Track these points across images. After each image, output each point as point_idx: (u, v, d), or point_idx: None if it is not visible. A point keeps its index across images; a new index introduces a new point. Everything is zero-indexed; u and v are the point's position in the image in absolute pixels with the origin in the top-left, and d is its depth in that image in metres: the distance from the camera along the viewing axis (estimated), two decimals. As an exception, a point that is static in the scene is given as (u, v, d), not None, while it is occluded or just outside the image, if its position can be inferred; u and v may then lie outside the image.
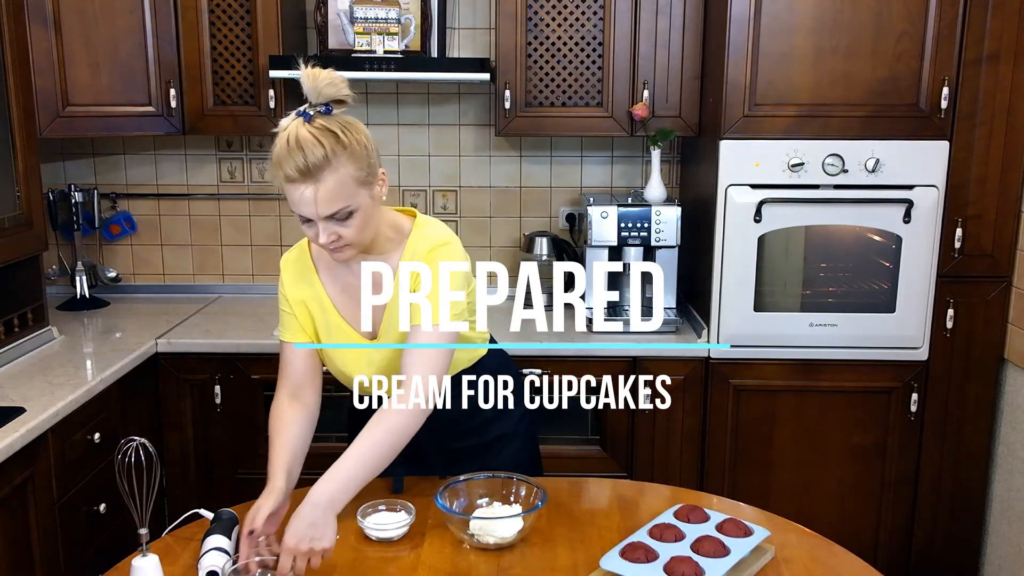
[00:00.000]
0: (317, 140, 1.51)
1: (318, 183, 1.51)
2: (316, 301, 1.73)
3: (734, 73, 2.51)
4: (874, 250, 2.66)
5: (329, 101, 1.55)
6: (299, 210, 1.55)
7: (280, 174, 1.54)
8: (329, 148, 1.51)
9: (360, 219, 1.57)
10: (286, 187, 1.55)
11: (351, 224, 1.56)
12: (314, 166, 1.50)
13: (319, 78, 1.54)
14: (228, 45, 2.80)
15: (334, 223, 1.55)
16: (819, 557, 1.58)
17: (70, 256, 3.13)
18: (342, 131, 1.53)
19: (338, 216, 1.54)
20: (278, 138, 1.56)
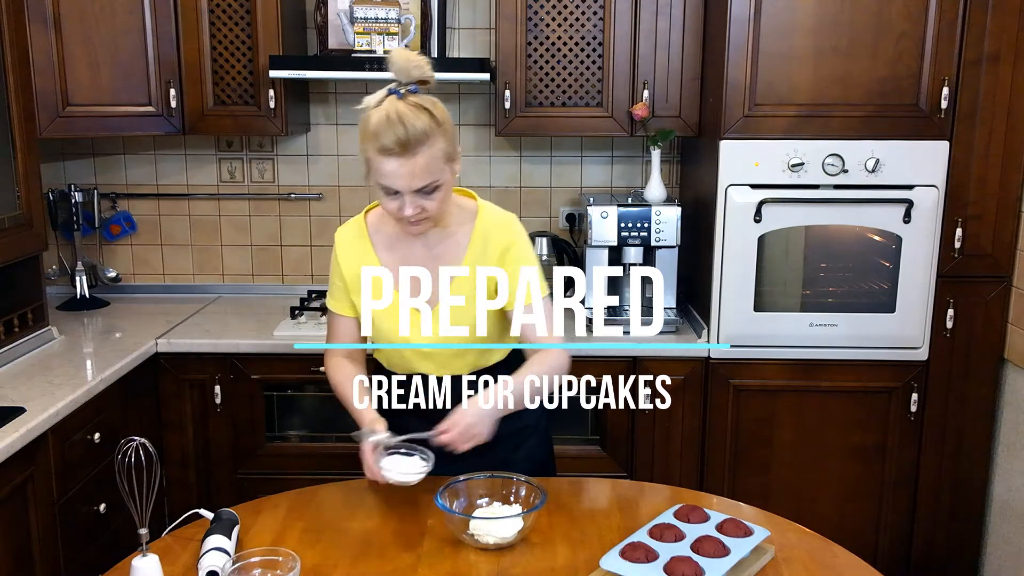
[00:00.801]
0: (416, 115, 1.59)
1: (415, 156, 1.59)
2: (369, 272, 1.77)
3: (734, 73, 2.51)
4: (874, 250, 2.66)
5: (416, 81, 1.65)
6: (390, 182, 1.62)
7: (375, 146, 1.60)
8: (427, 123, 1.59)
9: (443, 193, 1.66)
10: (379, 159, 1.61)
11: (435, 198, 1.65)
12: (414, 139, 1.58)
13: (410, 59, 1.64)
14: (228, 45, 2.80)
15: (420, 196, 1.63)
16: (819, 557, 1.58)
17: (70, 256, 3.13)
18: (434, 108, 1.63)
19: (426, 190, 1.62)
20: (371, 113, 1.62)
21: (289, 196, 3.21)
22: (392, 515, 1.71)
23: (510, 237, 1.79)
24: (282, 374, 2.70)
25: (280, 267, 3.28)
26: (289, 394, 2.79)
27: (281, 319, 2.83)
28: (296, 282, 3.27)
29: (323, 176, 3.20)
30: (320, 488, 1.83)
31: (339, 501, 1.77)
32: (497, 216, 1.82)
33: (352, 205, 3.20)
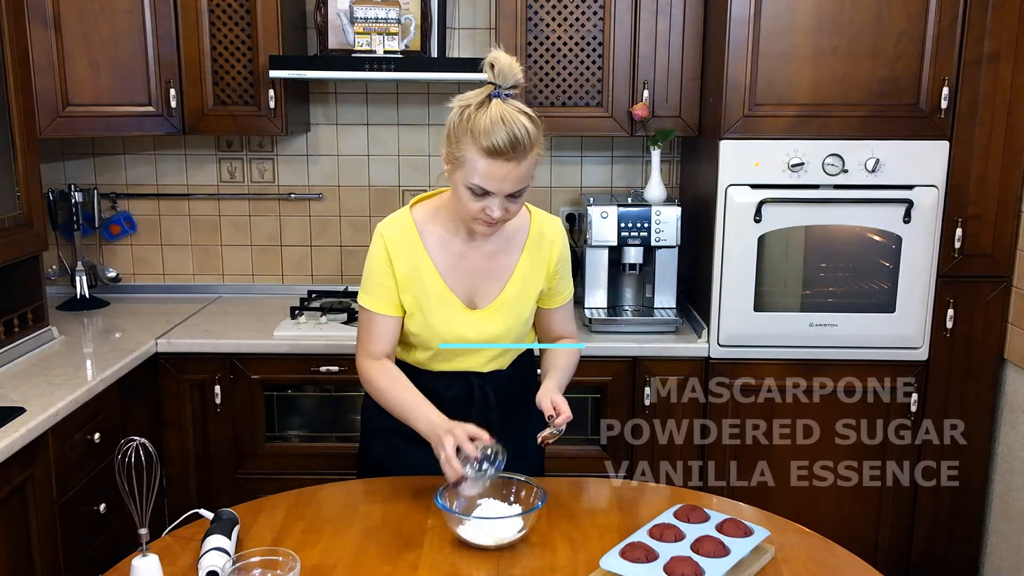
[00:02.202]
0: (526, 120, 1.59)
1: (521, 160, 1.59)
2: (423, 273, 1.78)
3: (734, 73, 2.51)
4: (874, 250, 2.66)
5: (511, 87, 1.63)
6: (488, 183, 1.60)
7: (482, 145, 1.57)
8: (534, 130, 1.60)
9: (526, 197, 1.69)
10: (482, 160, 1.58)
11: (520, 202, 1.67)
12: (525, 143, 1.58)
13: (512, 64, 1.62)
14: (228, 45, 2.80)
15: (509, 199, 1.64)
16: (819, 557, 1.58)
17: (70, 256, 3.13)
18: (533, 114, 1.62)
19: (517, 193, 1.64)
20: (477, 111, 1.59)
21: (289, 196, 3.21)
22: (392, 515, 1.71)
23: (562, 240, 1.86)
24: (282, 374, 2.70)
25: (280, 267, 3.28)
26: (289, 394, 2.79)
27: (281, 319, 2.83)
28: (296, 282, 3.27)
29: (323, 176, 3.20)
30: (320, 488, 1.83)
31: (339, 501, 1.78)
32: (549, 218, 1.87)
33: (352, 205, 3.20)
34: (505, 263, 1.81)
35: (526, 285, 1.83)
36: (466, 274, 1.80)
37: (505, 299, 1.81)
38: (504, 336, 1.83)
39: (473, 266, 1.80)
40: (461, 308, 1.80)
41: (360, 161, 3.19)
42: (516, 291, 1.82)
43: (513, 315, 1.82)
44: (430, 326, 1.80)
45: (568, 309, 1.93)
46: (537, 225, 1.84)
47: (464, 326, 1.80)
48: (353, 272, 3.25)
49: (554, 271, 1.85)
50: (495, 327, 1.81)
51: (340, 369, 2.65)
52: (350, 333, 2.62)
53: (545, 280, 1.85)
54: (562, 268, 1.86)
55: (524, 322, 1.86)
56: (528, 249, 1.82)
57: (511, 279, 1.81)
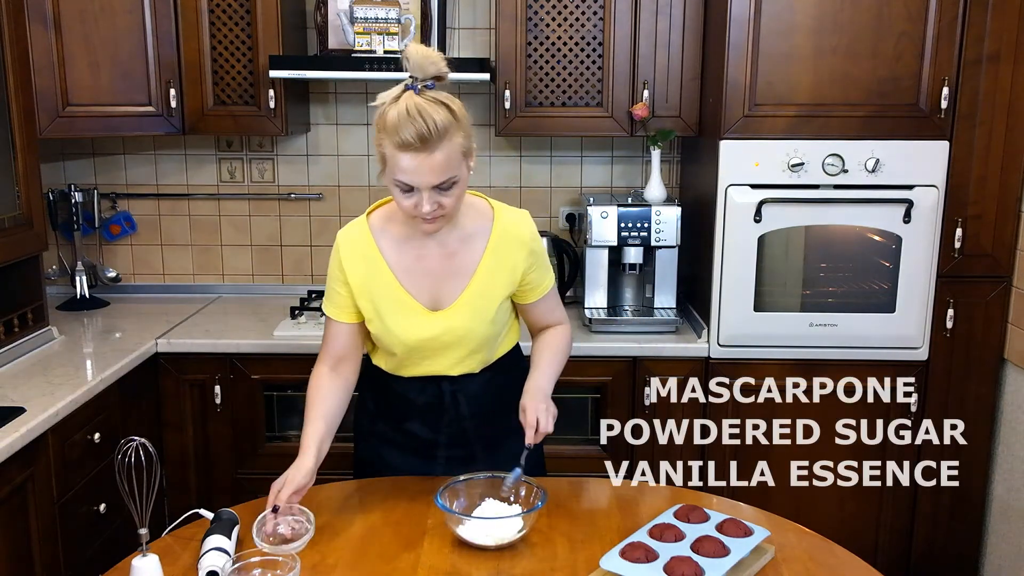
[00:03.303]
0: (435, 109, 1.56)
1: (434, 151, 1.56)
2: (378, 278, 1.76)
3: (734, 73, 2.51)
4: (874, 250, 2.66)
5: (432, 77, 1.61)
6: (408, 178, 1.59)
7: (393, 141, 1.57)
8: (446, 118, 1.57)
9: (460, 190, 1.64)
10: (398, 155, 1.57)
11: (452, 194, 1.63)
12: (434, 134, 1.55)
13: (427, 55, 1.60)
14: (228, 45, 2.80)
15: (438, 193, 1.61)
16: (819, 557, 1.58)
17: (70, 256, 3.13)
18: (451, 103, 1.60)
19: (443, 186, 1.60)
20: (388, 108, 1.58)
21: (289, 196, 3.21)
22: (392, 515, 1.71)
23: (530, 236, 1.80)
24: (282, 374, 2.70)
25: (280, 267, 3.27)
26: (289, 394, 2.78)
27: (281, 319, 2.83)
28: (296, 282, 3.27)
29: (323, 176, 3.20)
30: (320, 488, 1.83)
31: (339, 501, 1.78)
32: (514, 215, 1.82)
33: (352, 205, 3.20)
34: (466, 262, 1.77)
35: (490, 284, 1.77)
36: (425, 275, 1.77)
37: (467, 299, 1.77)
38: (468, 336, 1.78)
39: (433, 267, 1.76)
40: (420, 310, 1.76)
41: (360, 161, 3.19)
42: (479, 290, 1.77)
43: (477, 315, 1.77)
44: (389, 330, 1.77)
45: (550, 298, 1.88)
46: (501, 223, 1.78)
47: (424, 328, 1.76)
48: (353, 272, 3.24)
49: (527, 268, 1.79)
50: (458, 328, 1.77)
51: (340, 369, 2.65)
52: (350, 333, 2.62)
53: (515, 279, 1.80)
54: (535, 264, 1.81)
55: (490, 322, 1.79)
56: (491, 248, 1.77)
57: (473, 278, 1.76)
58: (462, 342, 1.79)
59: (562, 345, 1.89)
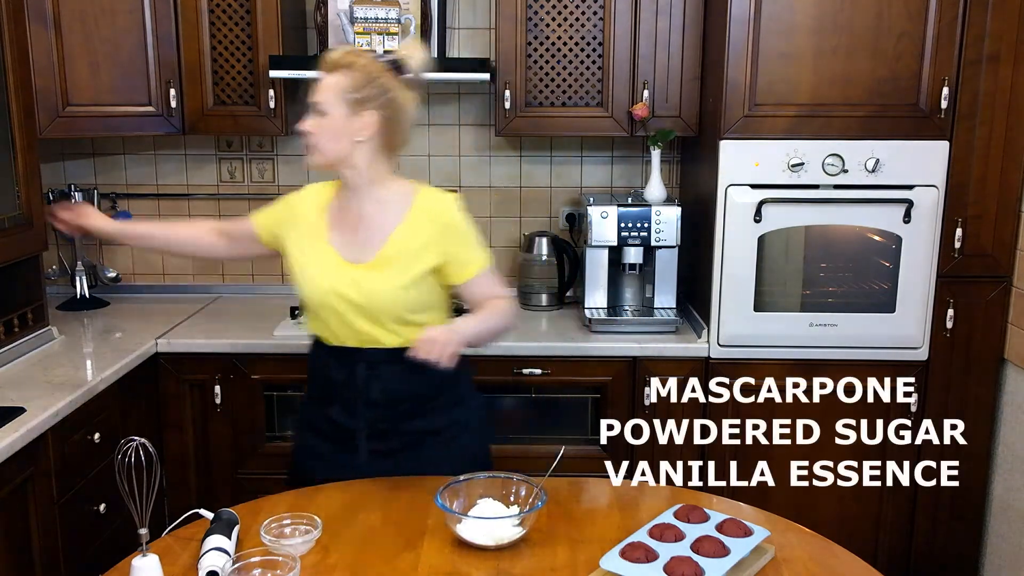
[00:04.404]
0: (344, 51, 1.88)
1: (324, 77, 1.86)
2: (317, 222, 1.93)
3: (734, 73, 2.51)
4: (874, 250, 2.66)
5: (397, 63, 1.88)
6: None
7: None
8: (342, 59, 1.85)
9: (329, 127, 1.83)
10: None
11: (320, 124, 1.83)
12: (328, 63, 1.87)
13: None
14: (228, 45, 2.80)
15: (314, 114, 1.84)
16: (819, 557, 1.59)
17: (70, 256, 3.13)
18: (362, 58, 1.86)
19: (317, 108, 1.83)
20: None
21: (289, 196, 3.21)
22: (392, 515, 1.71)
23: (450, 215, 1.89)
24: (282, 374, 2.70)
25: (280, 267, 3.27)
26: (289, 394, 2.78)
27: (281, 319, 2.83)
28: (296, 282, 3.26)
29: (323, 176, 3.19)
30: (320, 488, 1.83)
31: (339, 501, 1.78)
32: (436, 194, 1.94)
33: (352, 205, 3.20)
34: (381, 224, 1.88)
35: (406, 251, 1.85)
36: (347, 229, 1.90)
37: (378, 261, 1.86)
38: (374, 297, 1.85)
39: (352, 223, 1.90)
40: (339, 261, 1.88)
41: None
42: (394, 253, 1.85)
43: (390, 277, 1.84)
44: (307, 275, 1.90)
45: (485, 279, 1.92)
46: (422, 199, 1.90)
47: (339, 278, 1.86)
48: (353, 272, 3.24)
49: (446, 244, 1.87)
50: (371, 284, 1.85)
51: (340, 369, 2.65)
52: (350, 333, 2.62)
53: (433, 254, 1.86)
54: (454, 240, 1.88)
55: (403, 287, 1.84)
56: (409, 219, 1.87)
57: (388, 240, 1.86)
58: (370, 303, 1.84)
59: (496, 311, 1.91)
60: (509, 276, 3.24)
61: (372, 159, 1.86)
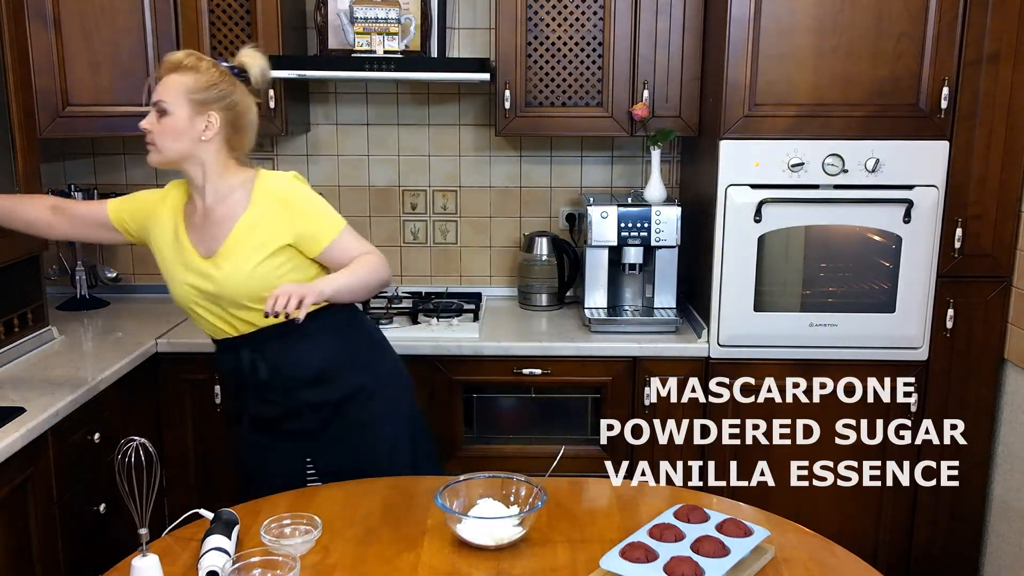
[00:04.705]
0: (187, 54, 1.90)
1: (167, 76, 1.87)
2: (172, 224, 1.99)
3: (734, 73, 2.51)
4: (874, 250, 2.66)
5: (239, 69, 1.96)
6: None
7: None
8: (186, 60, 1.88)
9: (171, 126, 1.87)
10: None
11: (162, 123, 1.86)
12: (171, 63, 1.89)
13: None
14: (228, 45, 2.79)
15: (155, 113, 1.87)
16: (819, 557, 1.59)
17: (70, 256, 3.12)
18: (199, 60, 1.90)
19: (159, 107, 1.86)
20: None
21: (289, 196, 3.21)
22: (392, 515, 1.71)
23: (289, 191, 1.95)
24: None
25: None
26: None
27: (281, 319, 2.82)
28: (296, 282, 3.26)
29: (323, 176, 3.20)
30: (320, 488, 1.83)
31: (339, 501, 1.78)
32: (275, 176, 1.99)
33: (352, 205, 3.20)
34: (227, 216, 1.93)
35: (252, 235, 1.90)
36: (198, 226, 1.96)
37: (226, 249, 1.91)
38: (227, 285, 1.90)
39: (201, 218, 1.96)
40: (194, 255, 1.94)
41: (360, 161, 3.19)
42: (239, 240, 1.90)
43: (237, 264, 1.89)
44: (168, 275, 1.99)
45: (343, 243, 1.94)
46: (260, 184, 1.95)
47: (192, 272, 1.93)
48: (353, 272, 3.24)
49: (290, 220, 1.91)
50: (220, 273, 1.90)
51: (340, 369, 2.65)
52: (350, 333, 2.62)
53: (282, 234, 1.91)
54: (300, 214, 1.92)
55: (251, 269, 1.89)
56: (254, 203, 1.92)
57: (234, 229, 1.91)
58: (222, 290, 1.91)
59: (360, 264, 1.92)
60: (509, 276, 3.24)
61: (215, 159, 1.92)
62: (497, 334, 2.75)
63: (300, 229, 1.92)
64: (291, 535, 1.59)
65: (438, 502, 1.59)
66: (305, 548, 1.56)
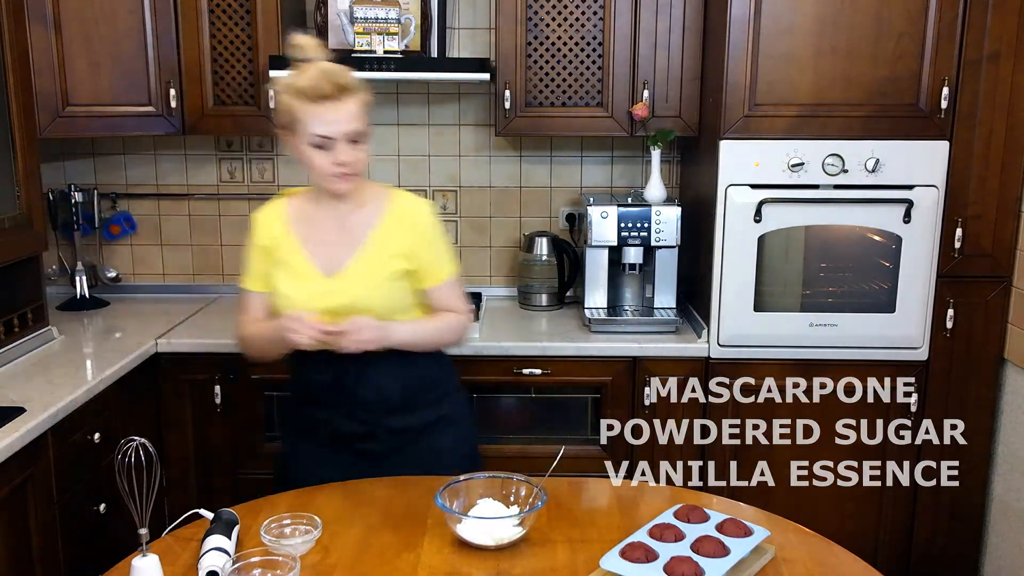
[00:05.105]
0: (343, 69, 1.77)
1: (347, 100, 1.75)
2: (283, 241, 1.91)
3: (734, 73, 2.51)
4: (874, 250, 2.66)
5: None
6: (327, 128, 1.75)
7: (311, 96, 1.74)
8: (353, 76, 1.78)
9: (367, 148, 1.80)
10: (315, 109, 1.74)
11: (362, 150, 1.79)
12: (348, 85, 1.75)
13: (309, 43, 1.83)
14: (228, 45, 2.80)
15: (351, 146, 1.77)
16: (819, 557, 1.59)
17: (70, 256, 3.13)
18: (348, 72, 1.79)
19: (356, 138, 1.77)
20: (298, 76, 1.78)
21: (289, 196, 3.21)
22: (392, 515, 1.71)
23: (426, 220, 1.91)
24: (282, 374, 2.68)
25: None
26: (289, 394, 2.78)
27: (281, 319, 2.82)
28: (296, 282, 3.26)
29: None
30: (320, 488, 1.83)
31: (339, 501, 1.78)
32: (411, 198, 1.95)
33: (352, 205, 3.20)
34: (358, 231, 1.87)
35: (381, 256, 1.86)
36: (321, 243, 1.89)
37: (356, 266, 1.86)
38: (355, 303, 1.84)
39: (329, 235, 1.89)
40: (315, 275, 1.87)
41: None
42: (369, 258, 1.86)
43: (367, 284, 1.85)
44: (283, 294, 1.88)
45: (449, 288, 1.94)
46: (398, 203, 1.91)
47: (315, 292, 1.85)
48: (353, 272, 3.25)
49: (418, 248, 1.88)
50: (347, 294, 1.84)
51: (340, 369, 2.65)
52: (350, 333, 2.62)
53: (407, 258, 1.87)
54: (428, 246, 1.90)
55: (379, 292, 1.85)
56: (385, 224, 1.88)
57: (364, 245, 1.86)
58: (350, 306, 1.84)
59: (443, 322, 1.92)
60: (509, 276, 3.24)
61: None
62: (497, 334, 2.75)
63: (426, 259, 1.89)
64: (291, 535, 1.59)
65: (438, 502, 1.59)
66: (305, 548, 1.56)
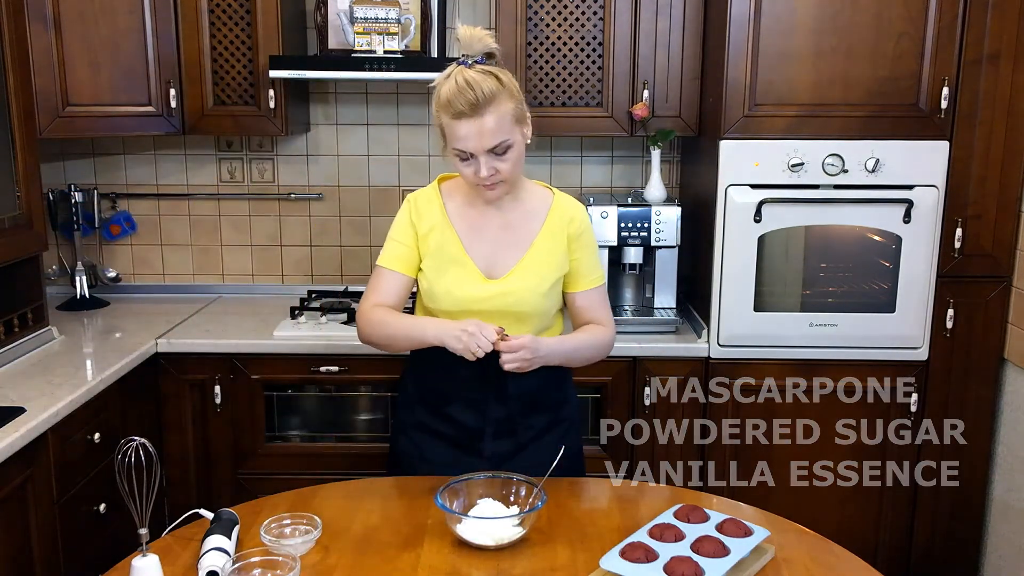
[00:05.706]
0: (483, 79, 1.72)
1: (484, 116, 1.70)
2: (443, 235, 1.86)
3: (734, 73, 2.51)
4: (874, 250, 2.66)
5: (482, 53, 1.77)
6: (463, 145, 1.73)
7: (448, 112, 1.72)
8: (494, 85, 1.72)
9: (515, 154, 1.77)
10: (453, 124, 1.72)
11: (508, 159, 1.75)
12: (483, 100, 1.70)
13: (474, 34, 1.77)
14: (228, 45, 2.80)
15: (494, 157, 1.74)
16: (819, 557, 1.58)
17: (70, 256, 3.13)
18: (500, 73, 1.75)
19: (498, 150, 1.73)
20: (442, 85, 1.75)
21: (289, 196, 3.21)
22: (392, 515, 1.71)
23: (583, 221, 1.91)
24: (282, 374, 2.70)
25: (280, 267, 3.28)
26: (289, 394, 2.78)
27: (281, 319, 2.83)
28: (296, 282, 3.27)
29: (323, 176, 3.20)
30: (320, 488, 1.83)
31: (339, 501, 1.78)
32: (573, 201, 1.94)
33: (352, 205, 3.20)
34: (524, 234, 1.87)
35: (545, 259, 1.86)
36: (485, 242, 1.86)
37: (521, 269, 1.85)
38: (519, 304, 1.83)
39: (492, 234, 1.87)
40: (478, 275, 1.84)
41: (360, 161, 3.19)
42: (534, 262, 1.85)
43: (530, 286, 1.84)
44: (447, 290, 1.84)
45: (597, 295, 1.94)
46: (560, 204, 1.90)
47: (478, 292, 1.83)
48: (353, 272, 3.25)
49: (574, 249, 1.88)
50: (511, 297, 1.83)
51: (340, 369, 2.65)
52: (350, 333, 2.61)
53: (566, 260, 1.88)
54: (584, 249, 1.90)
55: (542, 295, 1.84)
56: (548, 226, 1.87)
57: (529, 250, 1.86)
58: (512, 309, 1.83)
59: (594, 338, 1.90)
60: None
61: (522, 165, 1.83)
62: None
63: (580, 261, 1.89)
64: (291, 535, 1.59)
65: (438, 502, 1.59)
66: (305, 548, 1.55)
